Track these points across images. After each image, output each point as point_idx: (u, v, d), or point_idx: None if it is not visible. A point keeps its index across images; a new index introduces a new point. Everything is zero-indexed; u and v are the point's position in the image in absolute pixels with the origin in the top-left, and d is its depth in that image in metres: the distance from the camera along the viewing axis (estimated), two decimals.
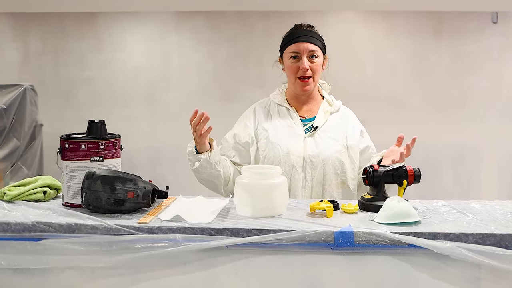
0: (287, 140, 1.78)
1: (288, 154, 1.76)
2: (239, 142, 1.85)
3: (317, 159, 1.76)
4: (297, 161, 1.76)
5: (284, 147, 1.77)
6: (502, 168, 4.41)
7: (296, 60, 1.80)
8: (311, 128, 1.82)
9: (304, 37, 1.79)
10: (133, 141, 4.01)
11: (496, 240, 1.21)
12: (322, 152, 1.77)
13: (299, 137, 1.80)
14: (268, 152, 1.79)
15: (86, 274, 1.27)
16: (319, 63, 1.82)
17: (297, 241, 1.22)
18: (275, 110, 1.87)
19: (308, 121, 1.85)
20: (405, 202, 1.34)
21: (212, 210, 1.39)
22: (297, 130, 1.81)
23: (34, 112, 3.85)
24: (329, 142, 1.80)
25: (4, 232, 1.29)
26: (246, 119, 1.89)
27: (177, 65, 4.49)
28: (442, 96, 4.39)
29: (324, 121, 1.84)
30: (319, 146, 1.78)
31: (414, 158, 1.64)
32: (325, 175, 1.77)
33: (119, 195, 1.35)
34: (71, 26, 4.43)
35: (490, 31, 4.31)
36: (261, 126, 1.84)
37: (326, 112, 1.86)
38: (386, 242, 1.21)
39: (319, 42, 1.83)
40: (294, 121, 1.83)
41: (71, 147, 1.44)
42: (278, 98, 1.89)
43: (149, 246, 1.23)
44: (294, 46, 1.80)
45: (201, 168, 1.68)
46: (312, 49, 1.79)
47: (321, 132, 1.81)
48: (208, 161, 1.67)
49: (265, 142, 1.80)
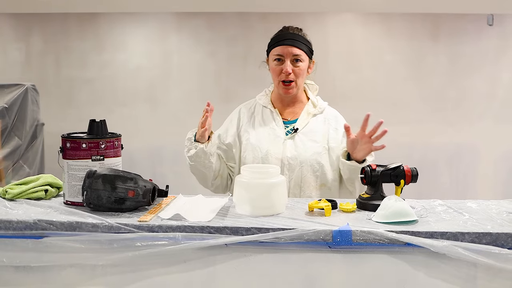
0: (267, 142, 1.80)
1: (266, 156, 1.78)
2: (223, 142, 1.88)
3: (295, 161, 1.77)
4: (276, 163, 1.76)
5: (263, 149, 1.79)
6: (498, 168, 4.44)
7: (280, 63, 1.80)
8: (292, 130, 1.83)
9: (289, 41, 1.79)
10: (133, 140, 4.03)
11: (492, 239, 1.22)
12: (301, 154, 1.78)
13: (279, 139, 1.81)
14: (248, 153, 1.81)
15: (87, 272, 1.28)
16: (302, 68, 1.81)
17: (296, 240, 1.23)
18: (259, 112, 1.88)
19: (290, 123, 1.86)
20: (402, 202, 1.35)
21: (211, 208, 1.40)
22: (278, 132, 1.82)
23: (35, 112, 3.86)
24: (309, 144, 1.80)
25: (6, 230, 1.30)
26: (231, 120, 1.92)
27: (177, 66, 4.50)
28: (439, 97, 4.42)
29: (306, 123, 1.84)
30: (298, 148, 1.79)
31: (411, 158, 1.67)
32: (303, 177, 1.77)
33: (120, 193, 1.37)
34: (73, 27, 4.45)
35: (486, 33, 4.33)
36: (244, 128, 1.87)
37: (309, 114, 1.87)
38: (384, 241, 1.22)
39: (305, 47, 1.82)
40: (276, 123, 1.84)
41: (72, 146, 1.45)
42: (263, 99, 1.91)
43: (149, 244, 1.24)
44: (279, 49, 1.80)
45: (196, 156, 1.72)
46: (297, 53, 1.79)
47: (302, 134, 1.82)
48: (203, 151, 1.71)
49: (246, 143, 1.83)
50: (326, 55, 4.42)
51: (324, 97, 1.96)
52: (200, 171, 1.79)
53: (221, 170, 1.85)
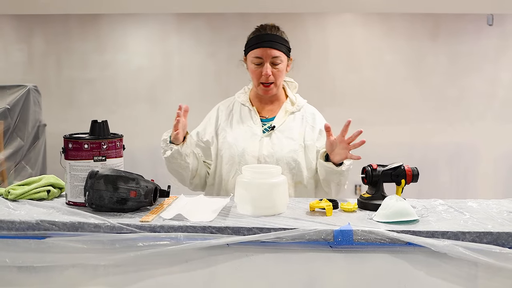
0: (244, 140, 1.80)
1: (243, 154, 1.78)
2: (202, 140, 1.88)
3: (271, 159, 1.77)
4: (252, 161, 1.76)
5: (239, 147, 1.79)
6: (498, 167, 4.45)
7: (259, 66, 1.79)
8: (269, 128, 1.82)
9: (268, 43, 1.77)
10: (135, 140, 4.03)
11: (492, 238, 1.23)
12: (277, 152, 1.77)
13: (256, 137, 1.80)
14: (224, 151, 1.81)
15: (89, 272, 1.29)
16: (281, 69, 1.80)
17: (297, 240, 1.23)
18: (237, 110, 1.89)
19: (268, 121, 1.85)
20: (403, 201, 1.35)
21: (213, 209, 1.40)
22: (255, 130, 1.82)
23: (37, 112, 3.87)
24: (285, 141, 1.80)
25: (9, 231, 1.31)
26: (209, 118, 1.92)
27: (178, 66, 4.51)
28: (439, 97, 4.43)
29: (283, 121, 1.83)
30: (274, 146, 1.78)
31: (412, 157, 1.66)
32: None
33: (122, 194, 1.37)
34: (74, 28, 4.46)
35: (486, 33, 4.34)
36: (221, 126, 1.87)
37: (286, 111, 1.86)
38: (385, 240, 1.22)
39: (283, 47, 1.81)
40: (253, 121, 1.84)
41: (74, 146, 1.45)
42: (241, 97, 1.91)
43: (151, 244, 1.24)
44: (258, 52, 1.78)
45: (171, 158, 1.72)
46: (276, 55, 1.77)
47: (279, 132, 1.82)
48: (179, 152, 1.71)
49: (223, 141, 1.83)
50: (326, 55, 4.43)
51: (324, 97, 1.97)
52: (177, 171, 1.79)
53: (198, 169, 1.85)
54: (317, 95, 4.41)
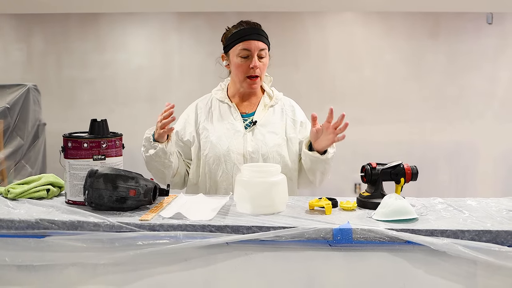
0: (227, 138, 1.78)
1: (228, 153, 1.76)
2: (181, 139, 1.86)
3: (257, 154, 1.76)
4: (238, 159, 1.75)
5: (224, 146, 1.76)
6: (498, 166, 4.45)
7: (247, 59, 1.77)
8: (251, 124, 1.80)
9: (255, 35, 1.77)
10: (134, 139, 4.01)
11: (491, 237, 1.23)
12: (262, 147, 1.76)
13: (239, 133, 1.78)
14: (209, 151, 1.78)
15: (89, 271, 1.29)
16: (265, 63, 1.80)
17: (297, 238, 1.23)
18: (216, 107, 1.86)
19: (248, 116, 1.83)
20: (402, 200, 1.35)
21: (212, 207, 1.41)
22: (237, 127, 1.79)
23: (37, 112, 3.87)
24: (269, 136, 1.78)
25: (8, 229, 1.31)
26: (188, 116, 1.89)
27: (178, 65, 4.51)
28: (438, 96, 4.43)
29: (263, 115, 1.82)
30: (258, 142, 1.77)
31: (412, 156, 1.66)
32: None
33: (121, 193, 1.37)
34: (74, 27, 4.46)
35: (486, 31, 4.35)
36: (202, 125, 1.84)
37: (266, 105, 1.85)
38: (384, 239, 1.22)
39: (267, 41, 1.81)
40: (234, 117, 1.81)
41: (74, 145, 1.46)
42: (219, 94, 1.88)
43: (151, 243, 1.24)
44: (245, 44, 1.75)
45: (155, 156, 1.70)
46: (262, 47, 1.77)
47: (261, 127, 1.80)
48: (164, 151, 1.69)
49: (205, 141, 1.80)
50: (326, 54, 4.43)
51: (324, 96, 1.97)
52: (158, 170, 1.76)
53: (179, 167, 1.83)
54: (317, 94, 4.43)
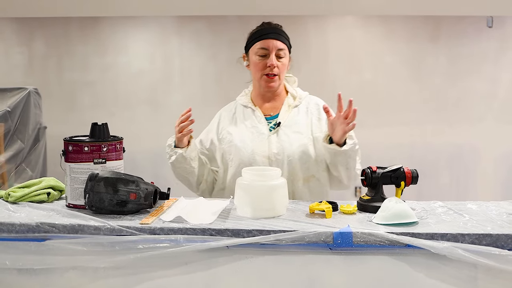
0: (252, 141, 1.78)
1: (253, 155, 1.75)
2: (205, 147, 1.87)
3: (282, 156, 1.74)
4: (263, 161, 1.74)
5: (248, 149, 1.76)
6: (499, 168, 4.45)
7: (264, 57, 1.78)
8: (275, 125, 1.80)
9: (274, 35, 1.78)
10: (135, 143, 4.02)
11: (492, 240, 1.23)
12: (287, 148, 1.75)
13: (263, 136, 1.78)
14: (234, 155, 1.78)
15: (89, 274, 1.29)
16: (285, 62, 1.80)
17: (297, 242, 1.23)
18: (240, 112, 1.87)
19: (272, 118, 1.83)
20: (402, 203, 1.36)
21: (213, 211, 1.41)
22: (261, 129, 1.79)
23: (38, 115, 3.88)
24: (294, 136, 1.77)
25: (9, 233, 1.31)
26: (211, 125, 1.91)
27: (178, 69, 4.52)
28: (439, 98, 4.43)
29: (287, 116, 1.81)
30: (283, 143, 1.76)
31: (412, 158, 1.65)
32: (292, 170, 1.74)
33: (122, 196, 1.38)
34: (75, 31, 4.47)
35: (486, 35, 4.36)
36: (225, 130, 1.84)
37: (289, 106, 1.84)
38: (384, 243, 1.22)
39: (287, 42, 1.82)
40: (258, 120, 1.81)
41: (75, 149, 1.46)
42: (243, 99, 1.89)
43: (151, 247, 1.25)
44: (263, 43, 1.77)
45: (176, 162, 1.73)
46: (281, 47, 1.78)
47: (285, 128, 1.79)
48: (183, 156, 1.71)
49: (230, 145, 1.80)
50: (327, 57, 4.44)
51: (325, 99, 1.96)
52: (183, 176, 1.79)
53: (205, 175, 1.83)
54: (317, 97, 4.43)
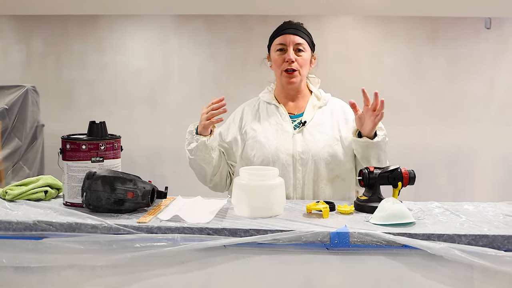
0: (276, 138, 1.76)
1: (277, 153, 1.73)
2: (224, 140, 1.86)
3: (307, 155, 1.73)
4: (287, 159, 1.73)
5: (272, 146, 1.74)
6: (496, 170, 4.46)
7: (282, 52, 1.78)
8: (300, 124, 1.79)
9: (291, 30, 1.78)
10: (133, 142, 4.05)
11: (488, 241, 1.23)
12: (312, 148, 1.73)
13: (288, 134, 1.76)
14: (257, 151, 1.76)
15: (86, 273, 1.29)
16: (305, 58, 1.78)
17: (294, 241, 1.24)
18: (264, 109, 1.85)
19: (297, 117, 1.81)
20: (400, 204, 1.36)
21: (210, 210, 1.41)
22: (286, 127, 1.78)
23: (35, 113, 3.87)
24: (319, 136, 1.76)
25: (6, 231, 1.31)
26: (233, 119, 1.89)
27: (177, 68, 4.52)
28: (437, 99, 4.44)
29: (312, 115, 1.80)
30: (308, 142, 1.74)
31: (410, 160, 1.65)
32: (317, 170, 1.73)
33: (119, 195, 1.38)
34: (73, 29, 4.47)
35: (484, 36, 4.37)
36: (248, 126, 1.82)
37: (314, 106, 1.83)
38: (381, 243, 1.23)
39: (307, 37, 1.81)
40: (282, 118, 1.80)
41: (72, 147, 1.46)
42: (266, 96, 1.88)
43: (148, 246, 1.25)
44: (281, 38, 1.78)
45: (196, 150, 1.70)
46: (299, 42, 1.77)
47: (310, 127, 1.78)
48: (205, 145, 1.69)
49: (253, 141, 1.78)
50: (326, 58, 4.43)
51: None
52: (199, 165, 1.76)
53: (221, 167, 1.83)
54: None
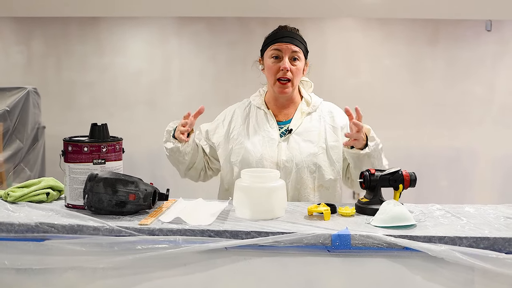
0: (261, 145, 1.75)
1: (261, 160, 1.73)
2: (210, 139, 1.87)
3: (291, 163, 1.72)
4: (271, 167, 1.72)
5: (257, 153, 1.74)
6: (496, 172, 4.46)
7: (277, 60, 1.75)
8: (286, 132, 1.77)
9: (288, 38, 1.76)
10: (134, 144, 4.04)
11: (489, 244, 1.23)
12: (296, 156, 1.72)
13: (274, 141, 1.75)
14: (242, 157, 1.76)
15: (88, 275, 1.29)
16: (300, 67, 1.76)
17: (295, 244, 1.24)
18: (253, 113, 1.84)
19: (284, 124, 1.80)
20: (401, 206, 1.36)
21: (211, 212, 1.41)
22: (272, 135, 1.77)
23: (37, 115, 3.87)
24: (304, 145, 1.74)
25: (8, 233, 1.31)
26: (223, 120, 1.88)
27: (177, 70, 4.52)
28: (437, 102, 4.45)
29: (299, 123, 1.78)
30: (293, 150, 1.73)
31: (410, 162, 1.65)
32: (300, 179, 1.72)
33: (121, 197, 1.38)
34: (74, 30, 4.47)
35: (484, 38, 4.37)
36: (236, 131, 1.82)
37: (303, 113, 1.80)
38: (382, 245, 1.23)
39: (302, 46, 1.79)
40: (270, 124, 1.79)
41: (74, 149, 1.46)
42: (257, 100, 1.86)
43: (150, 248, 1.25)
44: (277, 46, 1.75)
45: (171, 151, 1.77)
46: (295, 50, 1.75)
47: (296, 135, 1.76)
48: (179, 150, 1.75)
49: (239, 147, 1.78)
50: (325, 60, 4.45)
51: None
52: (174, 163, 1.85)
53: (196, 162, 1.85)
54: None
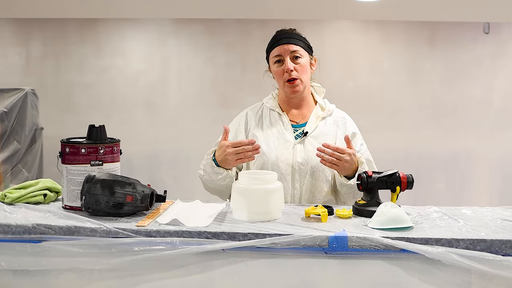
0: (277, 147, 1.75)
1: (276, 162, 1.72)
2: None
3: (306, 166, 1.72)
4: (286, 169, 1.72)
5: (273, 155, 1.73)
6: (493, 174, 4.47)
7: (280, 64, 1.77)
8: (301, 134, 1.78)
9: (285, 39, 1.77)
10: (132, 145, 4.04)
11: (486, 246, 1.24)
12: (312, 159, 1.72)
13: (289, 144, 1.76)
14: (257, 159, 1.74)
15: (85, 276, 1.29)
16: (303, 63, 1.77)
17: (292, 245, 1.24)
18: (267, 115, 1.84)
19: (299, 126, 1.80)
20: (398, 208, 1.36)
21: (209, 214, 1.41)
22: (287, 137, 1.77)
23: (34, 116, 3.88)
24: None
25: (5, 234, 1.31)
26: (238, 124, 1.87)
27: (176, 71, 4.53)
28: (435, 104, 4.46)
29: (315, 126, 1.79)
30: (308, 153, 1.73)
31: (408, 164, 1.65)
32: (315, 182, 1.73)
33: (118, 198, 1.38)
34: (72, 32, 4.47)
35: (482, 41, 4.39)
36: (251, 133, 1.82)
37: (318, 117, 1.81)
38: (379, 247, 1.23)
39: (301, 42, 1.80)
40: (284, 126, 1.79)
41: (72, 151, 1.46)
42: (270, 102, 1.86)
43: (147, 249, 1.25)
44: (276, 50, 1.77)
45: (220, 180, 1.68)
46: (294, 49, 1.76)
47: (312, 138, 1.76)
48: (230, 175, 1.68)
49: None
50: (324, 62, 4.44)
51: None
52: (218, 190, 1.75)
53: None
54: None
